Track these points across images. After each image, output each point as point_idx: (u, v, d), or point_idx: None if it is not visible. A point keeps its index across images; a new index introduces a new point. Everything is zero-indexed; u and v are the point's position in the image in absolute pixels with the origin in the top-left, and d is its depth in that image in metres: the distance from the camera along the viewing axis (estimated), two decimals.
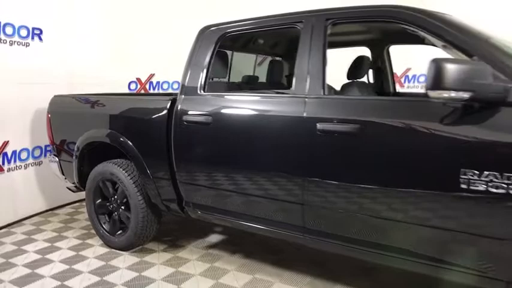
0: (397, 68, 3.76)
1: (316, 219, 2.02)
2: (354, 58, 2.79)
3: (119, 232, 2.97)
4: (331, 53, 2.08)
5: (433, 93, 1.45)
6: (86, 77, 4.16)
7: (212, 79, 2.78)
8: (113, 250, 2.97)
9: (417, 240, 1.75)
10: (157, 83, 5.06)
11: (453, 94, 1.40)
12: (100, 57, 4.34)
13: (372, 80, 3.09)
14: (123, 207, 2.93)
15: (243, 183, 2.26)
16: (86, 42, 4.25)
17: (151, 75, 4.98)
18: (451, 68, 1.40)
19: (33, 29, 3.77)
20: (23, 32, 3.68)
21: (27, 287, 2.41)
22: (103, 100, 3.03)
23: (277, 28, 2.27)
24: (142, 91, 4.93)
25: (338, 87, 2.70)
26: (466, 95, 1.42)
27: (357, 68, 2.78)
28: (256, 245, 2.97)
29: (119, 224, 2.98)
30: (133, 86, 4.87)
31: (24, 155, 3.77)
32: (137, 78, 4.90)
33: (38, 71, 3.77)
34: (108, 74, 4.35)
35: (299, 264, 2.63)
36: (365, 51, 3.08)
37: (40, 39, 3.86)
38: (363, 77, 2.86)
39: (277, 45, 3.12)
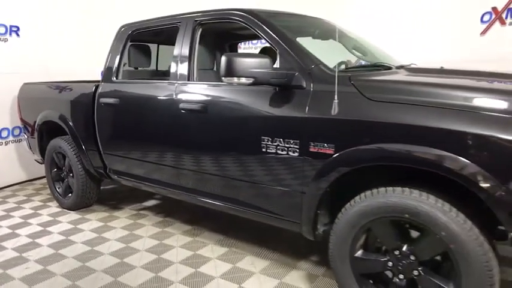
0: None
1: (185, 179, 2.56)
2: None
3: (69, 195, 3.61)
4: None
5: (225, 79, 1.93)
6: (61, 67, 4.78)
7: (137, 68, 3.34)
8: (64, 210, 3.63)
9: (240, 191, 2.27)
10: None
11: (236, 80, 1.88)
12: (74, 49, 4.95)
13: None
14: (71, 174, 3.56)
15: (141, 152, 2.82)
16: (61, 36, 4.87)
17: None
18: (236, 60, 1.87)
19: (11, 26, 4.42)
20: (1, 29, 4.33)
21: None
22: (53, 86, 3.64)
23: (168, 27, 2.76)
24: None
25: None
26: (248, 81, 1.89)
27: None
28: (179, 208, 3.54)
29: (68, 189, 3.62)
30: None
31: (4, 134, 4.48)
32: None
33: (16, 63, 4.42)
34: (82, 64, 4.95)
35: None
36: None
37: (17, 35, 4.50)
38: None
39: None
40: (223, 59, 1.89)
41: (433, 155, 1.54)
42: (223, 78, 1.92)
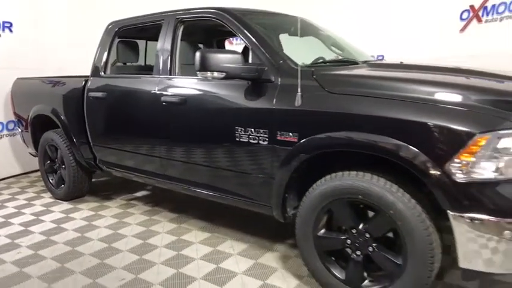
0: None
1: (168, 169, 2.72)
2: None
3: (61, 186, 3.78)
4: None
5: (200, 74, 2.09)
6: (55, 62, 4.90)
7: (125, 63, 3.49)
8: (57, 200, 3.79)
9: (218, 179, 2.44)
10: None
11: (209, 74, 2.04)
12: (68, 44, 5.06)
13: None
14: (63, 166, 3.72)
15: (127, 144, 2.99)
16: (54, 31, 5.00)
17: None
18: (209, 56, 2.03)
19: (4, 22, 4.56)
20: None
21: None
22: (45, 81, 3.79)
23: (153, 24, 2.91)
24: None
25: None
26: (221, 75, 2.05)
27: (244, 54, 3.40)
28: (168, 197, 3.71)
29: (61, 180, 3.79)
30: None
31: None
32: None
33: (10, 58, 4.56)
34: (75, 59, 5.08)
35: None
36: None
37: (10, 31, 4.64)
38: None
39: None
40: (197, 54, 2.04)
41: (381, 141, 1.71)
42: (197, 72, 2.09)
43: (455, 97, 1.70)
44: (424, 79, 1.98)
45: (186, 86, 2.53)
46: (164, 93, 2.59)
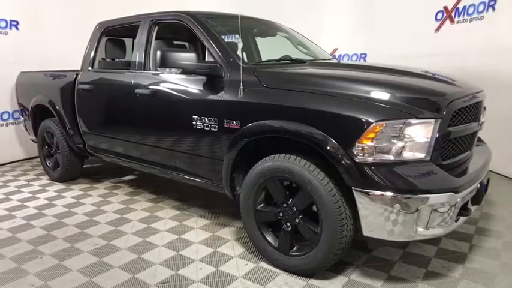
0: (327, 47, 4.75)
1: (144, 153, 3.09)
2: None
3: (57, 169, 4.19)
4: None
5: (160, 70, 2.44)
6: (57, 57, 5.32)
7: (113, 59, 3.86)
8: (53, 182, 4.22)
9: (184, 162, 2.79)
10: None
11: (168, 70, 2.39)
12: (69, 41, 5.46)
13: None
14: (58, 151, 4.14)
15: (110, 131, 3.38)
16: (57, 29, 5.41)
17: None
18: (168, 54, 2.38)
19: (11, 21, 4.99)
20: (2, 24, 4.91)
21: None
22: (43, 74, 4.21)
23: (133, 24, 3.27)
24: None
25: None
26: (178, 71, 2.40)
27: None
28: (150, 181, 4.09)
29: (56, 163, 4.20)
30: None
31: (5, 116, 5.08)
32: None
33: (16, 53, 5.00)
34: (74, 54, 5.49)
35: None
36: None
37: (17, 28, 5.08)
38: None
39: None
40: (158, 53, 2.40)
41: (300, 128, 2.03)
42: (158, 68, 2.44)
43: (368, 92, 2.00)
44: (348, 76, 2.29)
45: (156, 79, 2.89)
46: (138, 85, 2.96)
